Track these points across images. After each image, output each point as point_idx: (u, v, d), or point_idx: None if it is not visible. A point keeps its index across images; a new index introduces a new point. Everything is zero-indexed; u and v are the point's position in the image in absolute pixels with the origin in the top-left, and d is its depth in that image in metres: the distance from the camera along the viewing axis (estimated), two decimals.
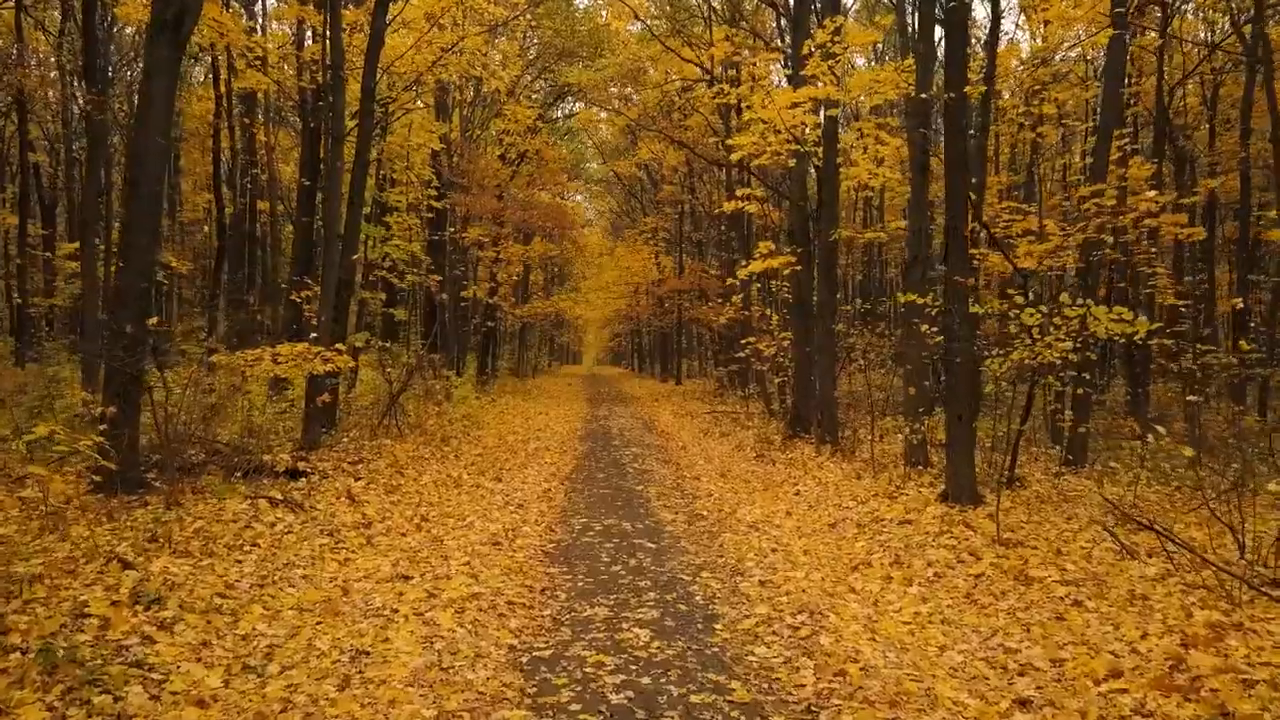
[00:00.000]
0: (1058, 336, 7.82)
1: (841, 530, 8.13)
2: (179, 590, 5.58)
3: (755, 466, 12.17)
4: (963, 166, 8.54)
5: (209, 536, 6.95)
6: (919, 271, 11.14)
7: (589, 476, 11.51)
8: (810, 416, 14.23)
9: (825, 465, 11.58)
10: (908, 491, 9.33)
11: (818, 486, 10.23)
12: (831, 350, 12.88)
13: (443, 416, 17.69)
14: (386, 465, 11.45)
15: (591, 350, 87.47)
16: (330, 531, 7.68)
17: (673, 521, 8.67)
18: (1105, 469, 11.32)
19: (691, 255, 35.41)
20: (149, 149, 8.10)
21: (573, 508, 9.36)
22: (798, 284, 14.21)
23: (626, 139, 39.24)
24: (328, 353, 11.12)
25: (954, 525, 7.70)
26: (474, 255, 26.69)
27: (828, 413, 12.72)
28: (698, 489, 10.55)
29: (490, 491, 10.18)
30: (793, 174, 14.17)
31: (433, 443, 14.05)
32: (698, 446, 14.79)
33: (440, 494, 9.97)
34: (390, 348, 18.87)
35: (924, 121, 11.15)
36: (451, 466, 12.02)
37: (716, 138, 25.23)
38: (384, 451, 12.71)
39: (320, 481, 9.91)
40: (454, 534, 7.90)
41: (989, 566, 6.48)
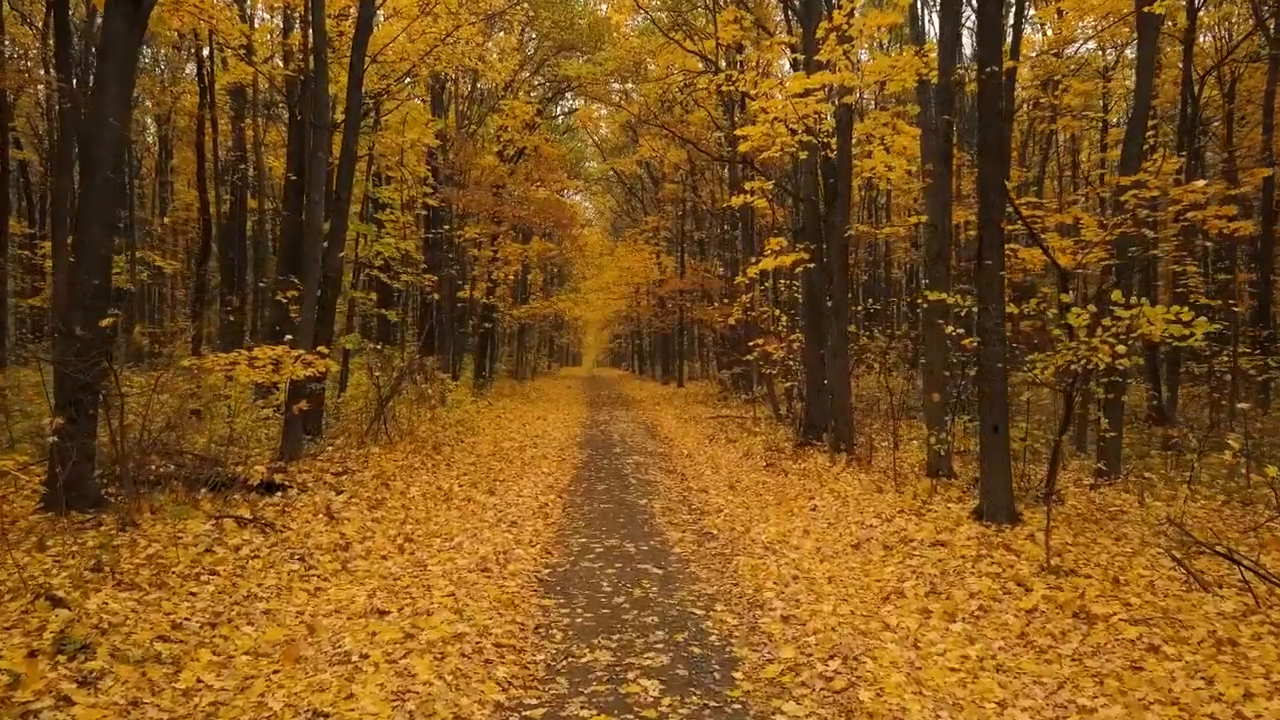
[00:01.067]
0: (1105, 338, 7.07)
1: (867, 552, 7.38)
2: (114, 634, 4.83)
3: (766, 477, 11.42)
4: (999, 153, 7.80)
5: (162, 564, 6.20)
6: (941, 269, 10.40)
7: (588, 489, 10.77)
8: (822, 423, 13.48)
9: (842, 476, 10.83)
10: (935, 507, 8.58)
11: (836, 501, 9.47)
12: (845, 353, 12.13)
13: (436, 422, 16.95)
14: (372, 477, 10.70)
15: (591, 352, 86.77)
16: (302, 555, 6.93)
17: (680, 542, 7.92)
18: (1140, 479, 10.58)
19: (694, 255, 34.69)
20: (103, 134, 7.35)
21: (571, 525, 8.61)
22: (809, 282, 13.46)
23: (626, 136, 38.53)
24: (309, 356, 10.38)
25: (993, 548, 6.95)
26: (471, 255, 25.95)
27: (842, 419, 11.97)
28: (706, 503, 9.80)
29: (482, 506, 9.42)
30: (804, 167, 13.43)
31: (424, 450, 13.30)
32: (703, 454, 14.04)
33: (428, 509, 9.22)
34: (382, 350, 18.14)
35: (947, 108, 10.41)
36: (442, 477, 11.27)
37: (720, 132, 24.50)
38: (371, 461, 11.96)
39: (298, 496, 9.16)
40: (440, 557, 7.14)
41: (1041, 600, 5.73)
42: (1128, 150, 10.52)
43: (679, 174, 33.31)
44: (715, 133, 24.58)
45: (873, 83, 10.91)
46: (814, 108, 11.76)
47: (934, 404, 10.30)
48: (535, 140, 27.10)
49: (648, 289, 35.62)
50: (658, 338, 42.92)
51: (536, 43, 26.24)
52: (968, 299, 8.50)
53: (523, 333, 40.77)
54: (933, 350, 10.35)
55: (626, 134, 39.01)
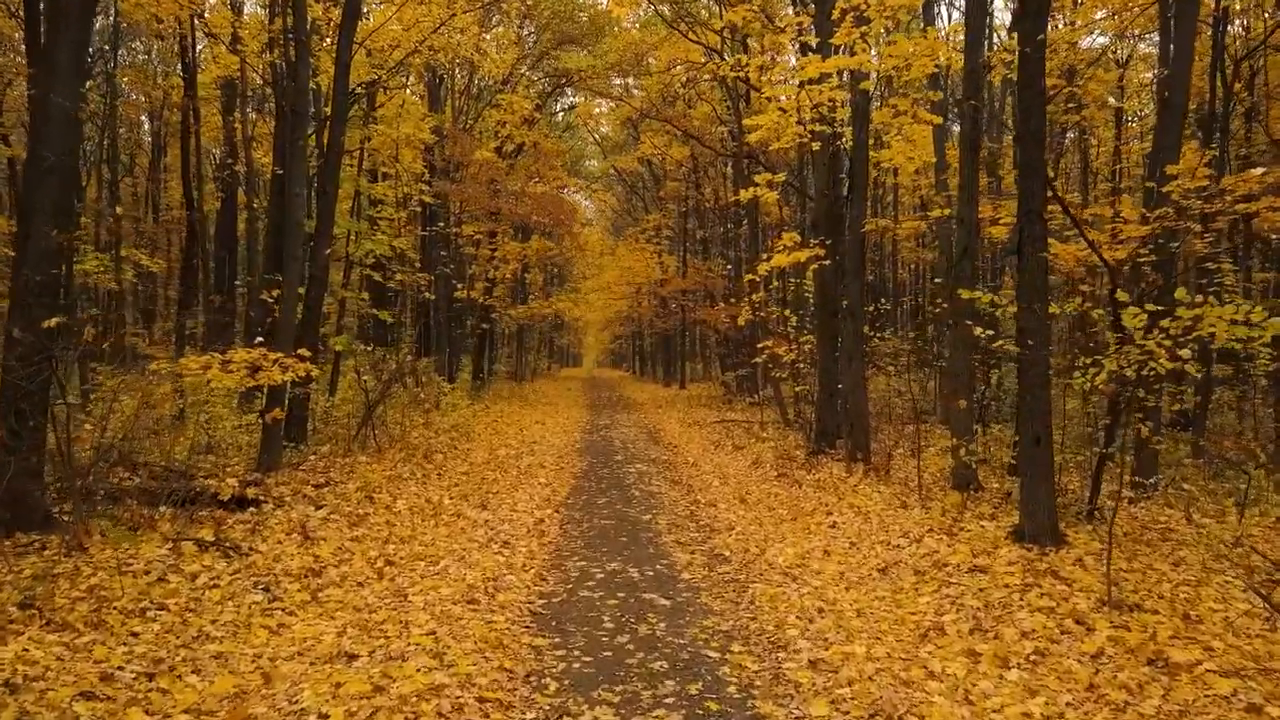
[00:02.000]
0: (1161, 341, 6.34)
1: (896, 578, 6.64)
2: (27, 691, 4.10)
3: (778, 489, 10.69)
4: (1039, 136, 7.06)
5: (105, 597, 5.47)
6: (968, 265, 9.67)
7: (588, 502, 10.03)
8: (835, 429, 12.75)
9: (860, 488, 10.10)
10: (967, 526, 7.85)
11: (856, 517, 8.74)
12: (862, 355, 11.39)
13: (430, 427, 16.22)
14: (356, 489, 9.97)
15: (592, 353, 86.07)
16: (268, 583, 6.20)
17: (689, 565, 7.18)
18: (1177, 490, 9.86)
19: (696, 254, 33.96)
20: (51, 115, 6.63)
21: (568, 545, 7.87)
22: (822, 281, 12.73)
23: (627, 133, 37.81)
24: (288, 359, 9.66)
25: (1040, 575, 6.22)
26: (468, 253, 25.23)
27: (858, 426, 11.24)
28: (715, 519, 9.07)
29: (473, 523, 8.69)
30: (817, 158, 12.70)
31: (414, 458, 12.57)
32: (709, 462, 13.30)
33: (414, 526, 8.49)
34: (373, 351, 17.41)
35: (975, 92, 9.68)
36: (433, 488, 10.55)
37: (725, 127, 23.79)
38: (357, 471, 11.23)
39: (272, 512, 8.43)
40: (422, 585, 6.41)
41: (1107, 642, 5.00)
42: (1164, 138, 9.78)
43: (681, 171, 32.60)
44: (720, 127, 23.86)
45: (891, 68, 10.17)
46: (828, 95, 11.04)
47: (960, 411, 9.58)
48: (534, 136, 26.38)
49: (649, 289, 34.89)
50: (659, 339, 42.20)
51: (535, 35, 25.52)
52: (1001, 297, 7.76)
53: (522, 333, 40.05)
54: (958, 353, 9.62)
55: (627, 131, 38.29)
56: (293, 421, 12.44)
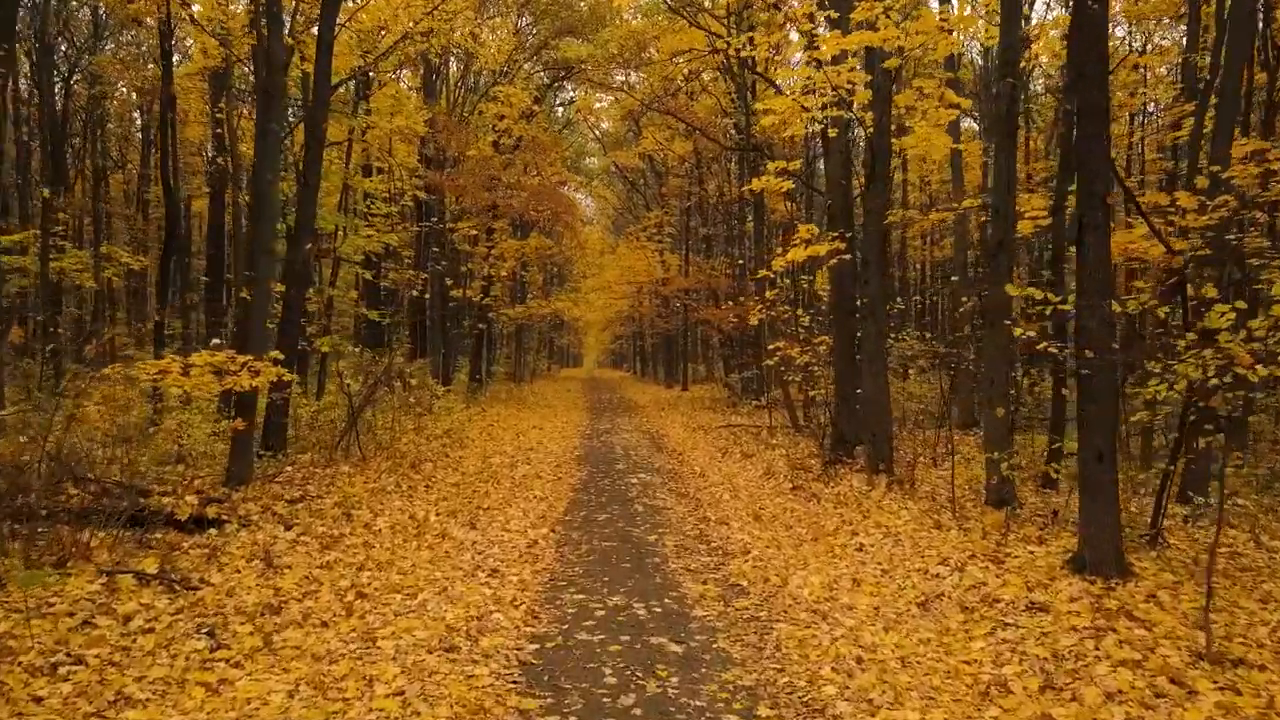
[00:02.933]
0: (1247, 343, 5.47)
1: (941, 616, 5.78)
2: None
3: (794, 503, 9.82)
4: (1101, 110, 6.19)
5: (10, 649, 4.61)
6: (1004, 259, 8.81)
7: (587, 519, 9.16)
8: (853, 437, 11.89)
9: (885, 504, 9.22)
10: (1014, 551, 6.98)
11: (885, 538, 7.87)
12: (883, 357, 10.52)
13: (421, 433, 15.37)
14: (334, 504, 9.12)
15: (592, 353, 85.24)
16: (215, 627, 5.33)
17: (702, 599, 6.31)
18: (1233, 508, 9.00)
19: (699, 252, 33.09)
20: None
21: (565, 573, 7.00)
22: (839, 278, 11.87)
23: (628, 129, 36.96)
24: (258, 362, 8.81)
25: (1112, 617, 5.35)
26: (464, 251, 24.35)
27: (880, 434, 10.37)
28: (728, 540, 8.19)
29: (459, 545, 7.82)
30: (833, 146, 11.83)
31: (401, 468, 11.73)
32: (717, 472, 12.43)
33: (394, 548, 7.63)
34: (363, 353, 16.56)
35: (1011, 69, 8.81)
36: (419, 502, 9.69)
37: (729, 119, 22.94)
38: (338, 483, 10.38)
39: (235, 534, 7.58)
40: (395, 625, 5.55)
41: (1215, 709, 4.14)
42: (1221, 120, 8.93)
43: (684, 167, 31.73)
44: (724, 119, 23.00)
45: (918, 45, 9.32)
46: (848, 76, 10.16)
47: (996, 420, 8.71)
48: (533, 130, 25.50)
49: (651, 288, 34.04)
50: (660, 339, 41.31)
51: (533, 23, 24.66)
52: (1048, 293, 6.89)
53: (520, 334, 39.18)
54: (994, 356, 8.75)
55: (628, 127, 37.44)
56: (271, 429, 11.60)
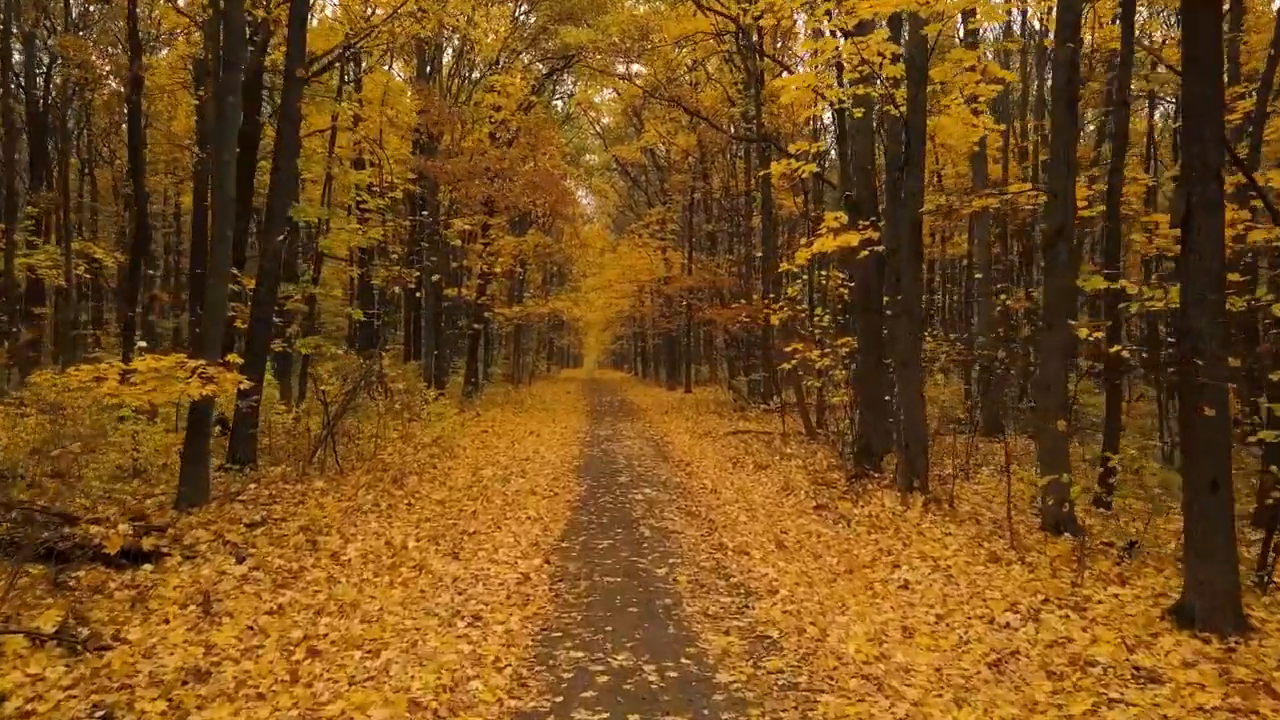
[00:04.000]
0: None
1: (1020, 681, 4.68)
2: None
3: (821, 526, 8.72)
4: (1215, 70, 5.09)
5: None
6: (1065, 250, 7.72)
7: (587, 546, 8.06)
8: (879, 448, 10.80)
9: (926, 529, 8.13)
10: (1093, 593, 5.89)
11: (933, 572, 6.78)
12: (919, 361, 9.43)
13: (409, 441, 14.29)
14: (299, 528, 8.02)
15: (592, 353, 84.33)
16: (113, 708, 4.23)
17: (726, 657, 5.21)
18: None
19: (703, 250, 31.99)
20: None
21: (561, 620, 5.90)
22: (864, 274, 10.78)
23: (629, 124, 35.92)
24: (212, 367, 7.71)
25: (1249, 692, 4.26)
26: (456, 246, 23.26)
27: (915, 446, 9.28)
28: (750, 573, 7.09)
29: (438, 580, 6.72)
30: (858, 128, 10.74)
31: (382, 483, 10.64)
32: (730, 486, 11.33)
33: (363, 584, 6.54)
34: (346, 354, 15.48)
35: (1071, 32, 7.72)
36: (398, 525, 8.60)
37: (736, 108, 21.86)
38: (308, 501, 9.31)
39: (176, 569, 6.49)
40: (349, 698, 4.45)
41: None
42: None
43: (688, 162, 30.64)
44: (731, 109, 21.92)
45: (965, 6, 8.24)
46: (879, 47, 9.07)
47: (1055, 433, 7.62)
48: (531, 121, 24.40)
49: (654, 287, 32.97)
50: (663, 340, 40.19)
51: (530, 9, 23.56)
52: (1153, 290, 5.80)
53: (519, 334, 38.08)
54: (1052, 361, 7.66)
55: (629, 121, 36.38)
56: (238, 440, 10.54)
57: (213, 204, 8.48)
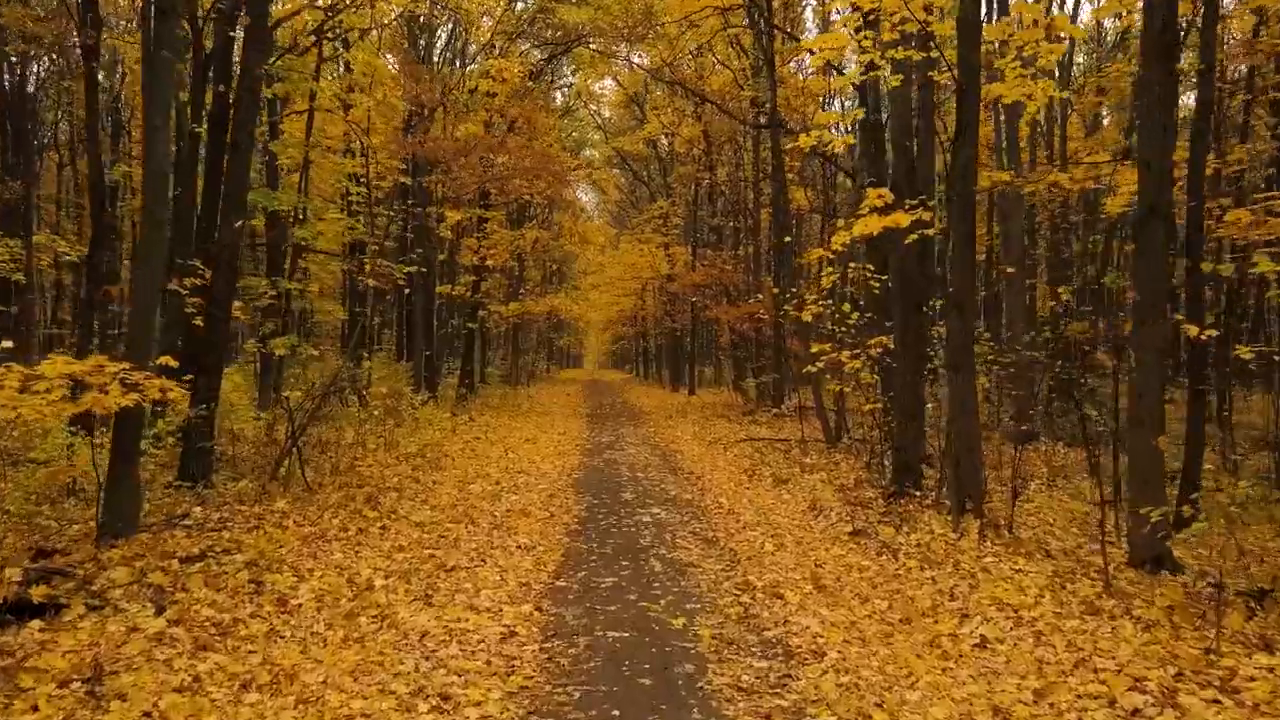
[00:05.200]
0: None
1: None
2: None
3: (861, 557, 7.44)
4: None
5: None
6: (1159, 229, 6.44)
7: (587, 585, 6.76)
8: (918, 462, 9.51)
9: (990, 562, 6.84)
10: (1238, 664, 4.60)
11: (1015, 625, 5.49)
12: (973, 364, 8.13)
13: (391, 451, 13.00)
14: (245, 563, 6.74)
15: (593, 354, 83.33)
16: None
17: None
18: None
19: (709, 245, 30.70)
20: None
21: (553, 698, 4.60)
22: (902, 264, 9.48)
23: (631, 115, 34.69)
24: (138, 372, 6.43)
25: None
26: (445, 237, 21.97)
27: (967, 462, 7.99)
28: (786, 624, 5.79)
29: (402, 637, 5.43)
30: (896, 97, 9.46)
31: (355, 501, 9.35)
32: (749, 505, 10.05)
33: (308, 643, 5.26)
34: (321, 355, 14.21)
35: None
36: (365, 557, 7.32)
37: (746, 92, 20.59)
38: (265, 525, 8.04)
39: (77, 623, 5.22)
40: None
41: None
42: None
43: (693, 153, 29.36)
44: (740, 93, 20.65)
45: None
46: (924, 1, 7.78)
47: (1150, 450, 6.33)
48: (527, 108, 23.11)
49: (657, 285, 31.70)
50: (666, 339, 38.88)
51: None
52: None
53: (517, 334, 36.82)
54: (1149, 360, 6.37)
55: (631, 113, 35.14)
56: (190, 455, 9.26)
57: (144, 178, 7.21)
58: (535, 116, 23.46)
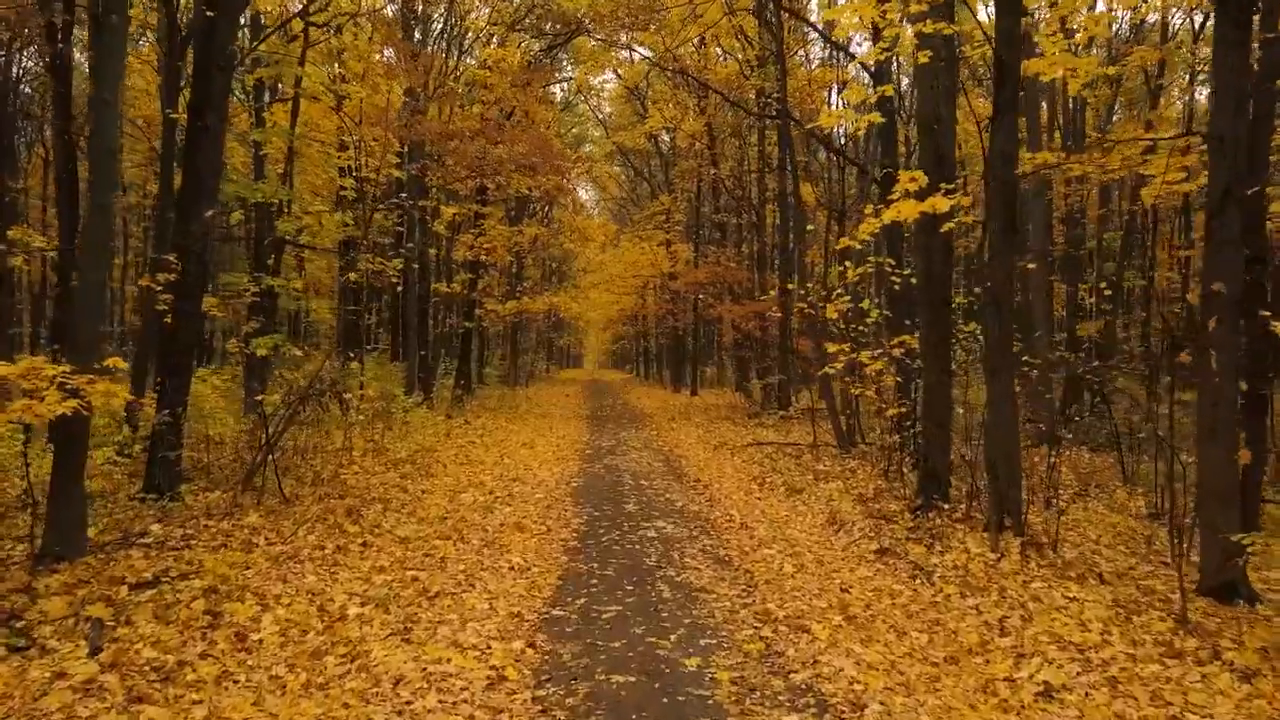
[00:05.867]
0: None
1: None
2: None
3: (891, 580, 6.70)
4: None
5: None
6: (1235, 217, 5.70)
7: (586, 616, 6.01)
8: (946, 471, 8.77)
9: (1038, 588, 6.10)
10: None
11: (1079, 667, 4.76)
12: (1010, 365, 7.39)
13: (379, 458, 12.27)
14: (204, 589, 6.00)
15: (593, 353, 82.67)
16: None
17: None
18: None
19: (713, 242, 29.96)
20: None
21: None
22: (928, 256, 8.73)
23: (633, 111, 33.93)
24: (78, 377, 5.70)
25: None
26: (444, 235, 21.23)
27: (1007, 472, 7.25)
28: (817, 666, 5.04)
29: (373, 684, 4.68)
30: (925, 72, 8.71)
31: (335, 514, 8.61)
32: (762, 517, 9.30)
33: (264, 691, 4.52)
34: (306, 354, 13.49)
35: None
36: (341, 580, 6.59)
37: (751, 80, 19.82)
38: (233, 543, 7.30)
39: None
40: None
41: None
42: None
43: (695, 148, 28.60)
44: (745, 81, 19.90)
45: None
46: None
47: (1226, 463, 5.60)
48: (526, 102, 22.36)
49: (658, 283, 30.96)
50: (668, 339, 38.13)
51: None
52: None
53: (516, 334, 36.06)
54: (1227, 368, 5.62)
55: (633, 109, 34.40)
56: (156, 465, 8.52)
57: (89, 158, 6.43)
58: (534, 108, 22.70)
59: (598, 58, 26.99)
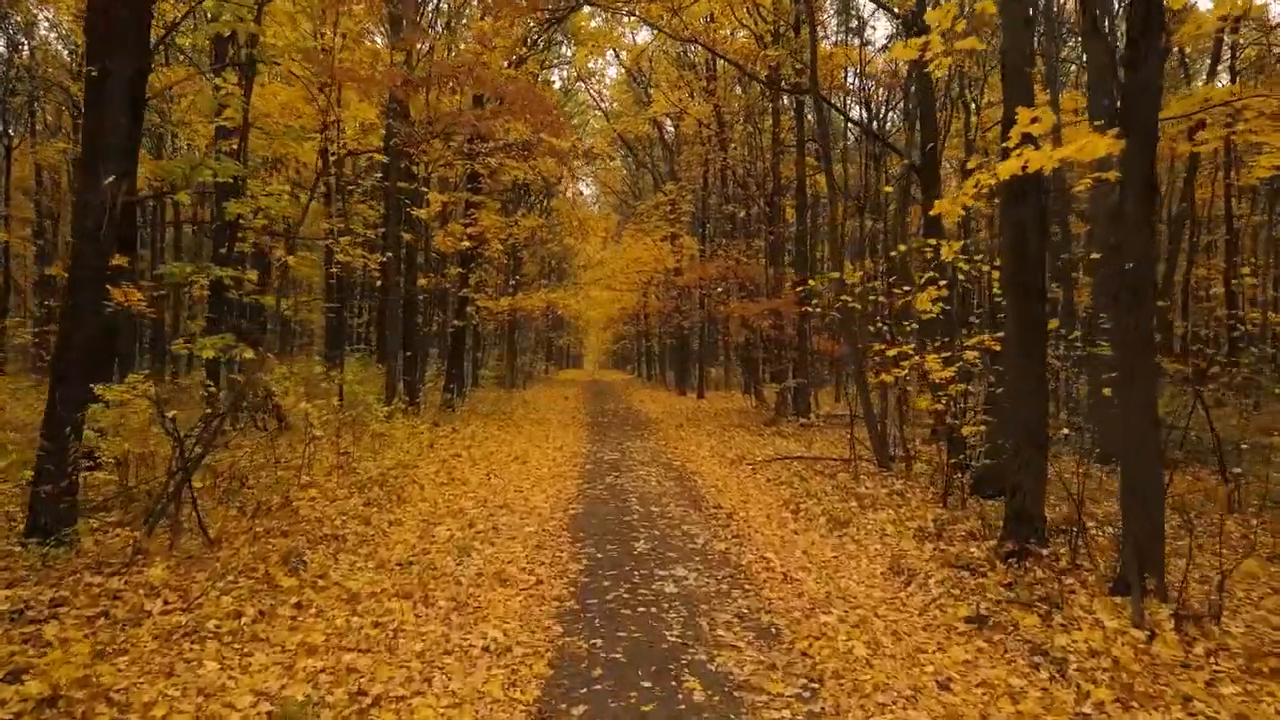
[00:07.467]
0: None
1: None
2: None
3: (1002, 668, 4.87)
4: None
5: None
6: None
7: None
8: (1039, 508, 6.94)
9: (1231, 693, 4.28)
10: None
11: None
12: (1151, 372, 5.55)
13: (345, 479, 10.45)
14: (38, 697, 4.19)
15: (593, 353, 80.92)
16: None
17: None
18: None
19: (722, 235, 28.13)
20: None
21: None
22: (1015, 228, 6.88)
23: (635, 99, 32.18)
24: None
25: None
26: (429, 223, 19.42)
27: (1146, 520, 5.41)
28: None
29: None
30: (1010, 6, 6.87)
31: (268, 562, 6.79)
32: (805, 560, 7.47)
33: None
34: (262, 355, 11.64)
35: None
36: (251, 674, 4.81)
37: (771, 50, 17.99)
38: (116, 612, 5.51)
39: None
40: None
41: None
42: None
43: (701, 135, 26.79)
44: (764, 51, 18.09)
45: None
46: None
47: None
48: (521, 79, 20.52)
49: (664, 279, 29.14)
50: (673, 338, 36.29)
51: None
52: None
53: (513, 333, 34.24)
54: None
55: (634, 96, 32.64)
56: (38, 500, 6.74)
57: None
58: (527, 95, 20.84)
59: (598, 38, 25.23)
